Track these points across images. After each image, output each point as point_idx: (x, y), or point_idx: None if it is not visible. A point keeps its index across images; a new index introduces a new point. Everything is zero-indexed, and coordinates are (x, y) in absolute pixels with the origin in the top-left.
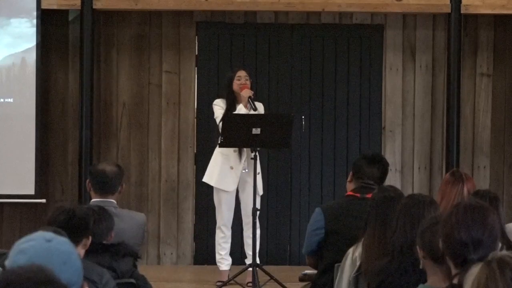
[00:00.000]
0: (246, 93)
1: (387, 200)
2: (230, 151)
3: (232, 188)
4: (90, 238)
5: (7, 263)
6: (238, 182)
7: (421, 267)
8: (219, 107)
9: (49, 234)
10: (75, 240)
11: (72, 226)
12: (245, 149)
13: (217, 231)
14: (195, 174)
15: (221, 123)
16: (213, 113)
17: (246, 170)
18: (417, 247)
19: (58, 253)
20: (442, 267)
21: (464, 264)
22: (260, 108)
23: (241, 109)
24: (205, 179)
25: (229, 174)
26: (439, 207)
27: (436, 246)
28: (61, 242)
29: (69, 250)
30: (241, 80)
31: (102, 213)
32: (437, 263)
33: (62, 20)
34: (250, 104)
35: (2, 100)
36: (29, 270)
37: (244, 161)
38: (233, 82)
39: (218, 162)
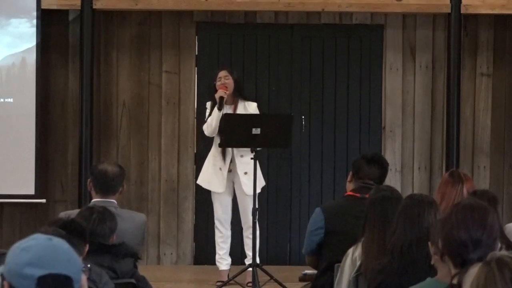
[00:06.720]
0: (218, 94)
1: (385, 200)
2: (218, 153)
3: (220, 189)
4: (87, 246)
5: (4, 268)
6: (232, 183)
7: (432, 263)
8: (207, 109)
9: (48, 236)
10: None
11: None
12: (230, 150)
13: (215, 231)
14: (195, 174)
15: (204, 125)
16: None
17: (231, 171)
18: (429, 243)
19: (62, 251)
20: None
21: (463, 264)
22: (251, 107)
23: (227, 111)
24: (198, 180)
25: (217, 175)
26: (439, 208)
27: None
28: (61, 241)
29: (70, 248)
30: (221, 80)
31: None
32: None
33: (62, 20)
34: (219, 104)
35: (2, 100)
36: None
37: (230, 162)
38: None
39: (209, 164)
